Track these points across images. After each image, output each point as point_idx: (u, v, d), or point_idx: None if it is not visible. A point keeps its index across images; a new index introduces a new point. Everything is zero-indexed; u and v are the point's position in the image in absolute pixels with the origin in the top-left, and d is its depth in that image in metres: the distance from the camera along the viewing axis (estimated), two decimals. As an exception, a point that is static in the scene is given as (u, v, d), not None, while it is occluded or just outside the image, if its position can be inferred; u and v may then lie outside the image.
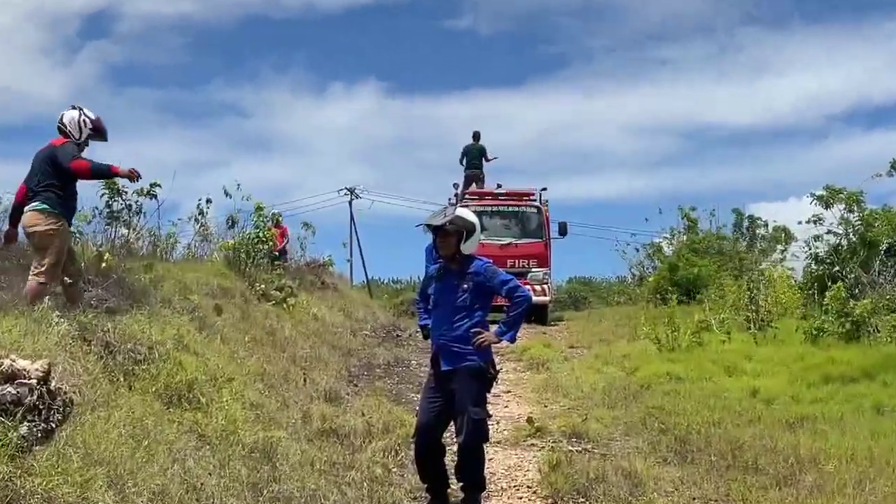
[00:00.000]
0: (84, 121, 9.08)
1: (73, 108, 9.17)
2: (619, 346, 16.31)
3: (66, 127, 9.09)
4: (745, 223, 32.89)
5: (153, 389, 7.43)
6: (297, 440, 8.19)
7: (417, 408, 7.94)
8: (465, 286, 7.12)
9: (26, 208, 8.91)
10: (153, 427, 6.45)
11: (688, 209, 32.21)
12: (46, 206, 8.79)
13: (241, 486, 6.33)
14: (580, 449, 9.12)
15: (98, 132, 9.24)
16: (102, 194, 12.15)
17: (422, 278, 28.32)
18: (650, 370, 12.88)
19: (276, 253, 18.56)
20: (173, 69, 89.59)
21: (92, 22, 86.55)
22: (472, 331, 7.03)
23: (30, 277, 8.70)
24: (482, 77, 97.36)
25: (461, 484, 7.21)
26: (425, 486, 7.28)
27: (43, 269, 8.72)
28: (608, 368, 13.72)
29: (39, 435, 4.85)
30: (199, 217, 17.05)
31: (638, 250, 34.14)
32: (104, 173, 9.24)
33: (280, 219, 22.11)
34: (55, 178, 8.83)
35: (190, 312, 10.82)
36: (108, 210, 12.23)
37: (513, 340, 7.41)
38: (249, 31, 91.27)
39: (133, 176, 9.22)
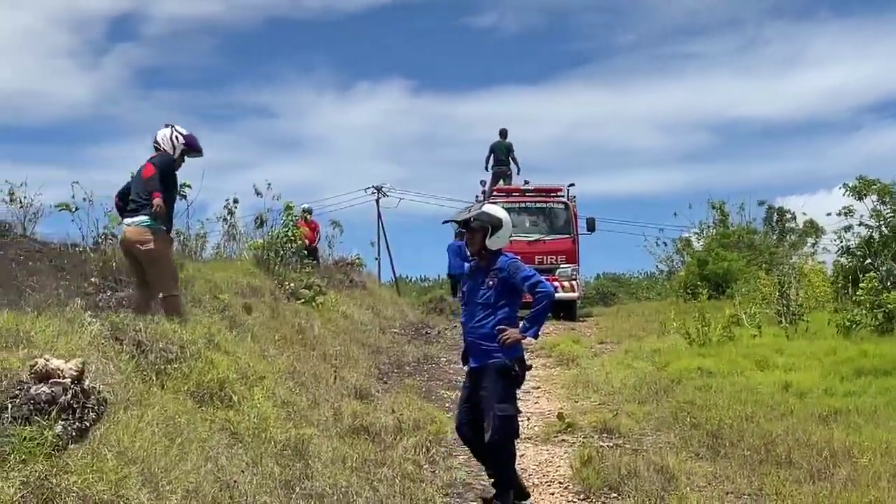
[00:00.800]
0: (176, 137, 9.34)
1: (166, 126, 9.42)
2: (649, 341, 16.22)
3: (159, 145, 9.35)
4: (775, 216, 32.76)
5: (185, 388, 7.48)
6: (328, 437, 8.22)
7: None
8: (490, 283, 7.11)
9: (131, 221, 9.12)
10: (186, 425, 6.48)
11: (719, 203, 32.11)
12: (155, 223, 9.00)
13: (274, 484, 6.36)
14: (611, 444, 9.09)
15: (191, 148, 9.48)
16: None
17: (445, 276, 28.44)
18: (681, 365, 12.80)
19: (306, 251, 18.52)
20: (199, 71, 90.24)
21: (118, 24, 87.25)
22: (497, 328, 7.02)
23: (161, 297, 8.99)
24: (507, 74, 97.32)
25: (492, 481, 7.23)
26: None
27: (174, 287, 9.13)
28: (638, 364, 13.66)
29: (74, 434, 4.89)
30: (228, 217, 17.14)
31: (666, 244, 34.10)
32: (151, 189, 9.16)
33: (308, 216, 22.10)
34: (160, 191, 9.04)
35: (220, 311, 10.88)
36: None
37: (535, 336, 7.30)
38: (273, 33, 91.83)
39: (157, 209, 9.40)
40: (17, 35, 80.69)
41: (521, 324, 7.16)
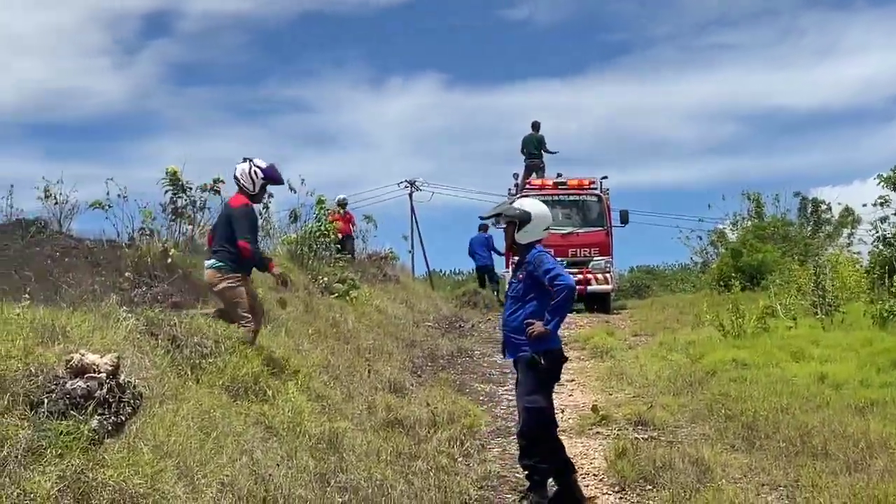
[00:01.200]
0: (255, 172, 9.22)
1: (244, 160, 9.31)
2: (684, 333, 16.13)
3: (239, 181, 9.27)
4: (809, 207, 32.50)
5: (220, 382, 7.53)
6: (362, 431, 8.24)
7: None
8: (520, 276, 7.14)
9: (207, 263, 9.22)
10: (221, 419, 6.53)
11: (754, 195, 31.89)
12: (222, 265, 9.05)
13: (309, 477, 6.39)
14: (646, 436, 9.07)
15: (271, 179, 9.41)
16: (167, 191, 12.29)
17: (474, 270, 28.72)
18: (715, 357, 12.73)
19: (339, 245, 18.47)
20: (233, 67, 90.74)
21: (152, 21, 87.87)
22: (526, 321, 7.01)
23: (240, 329, 8.99)
24: (541, 67, 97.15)
25: (525, 473, 7.21)
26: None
27: (246, 318, 9.09)
28: (673, 356, 13.59)
29: (110, 428, 4.94)
30: (262, 212, 17.16)
31: (701, 238, 33.90)
32: (259, 265, 9.33)
33: (341, 209, 22.06)
34: (232, 239, 9.06)
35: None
36: (172, 206, 12.35)
37: (556, 329, 7.22)
38: (306, 28, 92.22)
39: (283, 278, 9.58)
40: (53, 33, 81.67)
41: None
